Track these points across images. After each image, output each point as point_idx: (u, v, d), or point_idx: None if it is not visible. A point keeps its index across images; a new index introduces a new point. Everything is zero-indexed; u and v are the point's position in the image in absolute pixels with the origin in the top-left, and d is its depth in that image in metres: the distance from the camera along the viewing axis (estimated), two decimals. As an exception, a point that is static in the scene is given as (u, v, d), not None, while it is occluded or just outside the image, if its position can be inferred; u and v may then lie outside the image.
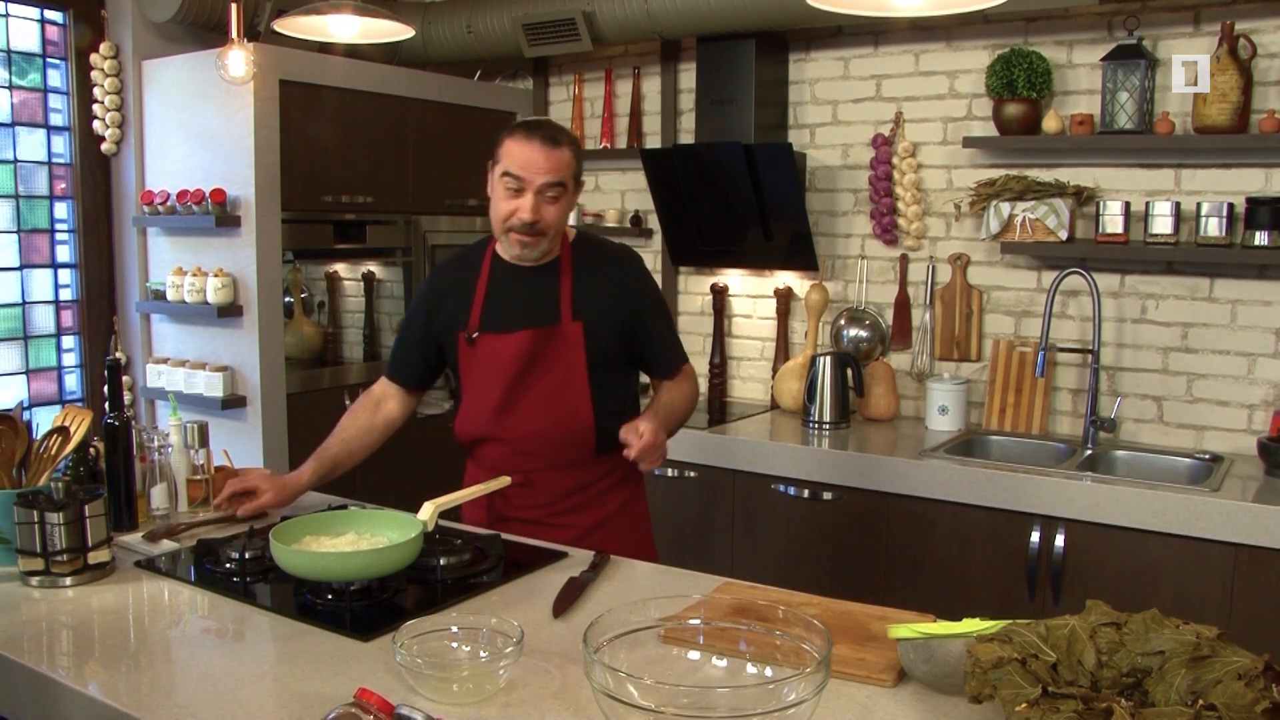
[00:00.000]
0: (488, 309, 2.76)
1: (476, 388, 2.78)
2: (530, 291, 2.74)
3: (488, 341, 2.73)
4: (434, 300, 2.86)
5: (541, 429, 2.72)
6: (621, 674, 1.47)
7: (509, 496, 2.76)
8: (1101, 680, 1.56)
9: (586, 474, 2.78)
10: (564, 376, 2.70)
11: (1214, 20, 3.72)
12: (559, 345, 2.70)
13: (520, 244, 2.66)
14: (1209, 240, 3.69)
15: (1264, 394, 3.81)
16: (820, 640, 1.56)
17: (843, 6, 2.43)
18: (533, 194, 2.58)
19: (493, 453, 2.79)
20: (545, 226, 2.63)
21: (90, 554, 2.23)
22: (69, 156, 4.49)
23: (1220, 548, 3.22)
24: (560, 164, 2.60)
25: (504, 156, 2.63)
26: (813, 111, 4.59)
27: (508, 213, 2.63)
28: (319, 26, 3.01)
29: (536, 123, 2.68)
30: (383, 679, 1.74)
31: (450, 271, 2.90)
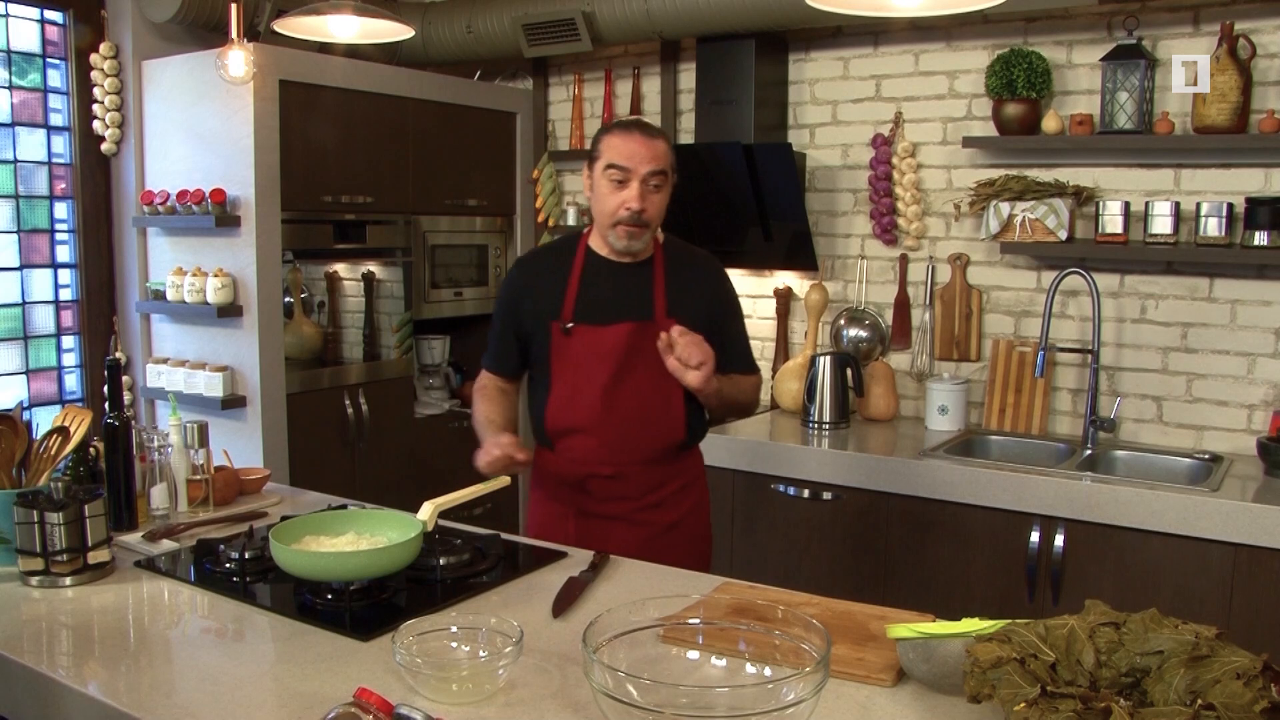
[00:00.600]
0: (582, 300, 2.79)
1: (570, 379, 2.79)
2: (625, 286, 2.80)
3: (584, 332, 2.76)
4: (518, 292, 2.88)
5: (637, 422, 2.77)
6: (621, 674, 1.47)
7: (594, 489, 2.81)
8: (1100, 680, 1.56)
9: (669, 470, 2.86)
10: (660, 371, 2.70)
11: (1214, 20, 3.72)
12: (655, 340, 2.69)
13: (628, 235, 2.71)
14: (1208, 240, 3.69)
15: (1263, 394, 3.81)
16: (819, 640, 1.56)
17: (841, 6, 2.43)
18: (638, 183, 2.65)
19: (582, 444, 2.80)
20: (650, 217, 2.71)
21: (90, 554, 2.23)
22: (69, 157, 4.49)
23: (1220, 548, 3.22)
24: (660, 153, 2.68)
25: (605, 152, 2.70)
26: (812, 112, 4.59)
27: (615, 205, 2.68)
28: (318, 27, 3.01)
29: (632, 120, 2.88)
30: (382, 679, 1.74)
31: (537, 264, 2.93)
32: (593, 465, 2.79)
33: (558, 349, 2.79)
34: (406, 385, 4.91)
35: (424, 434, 4.94)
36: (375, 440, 4.64)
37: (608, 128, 2.75)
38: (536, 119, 5.35)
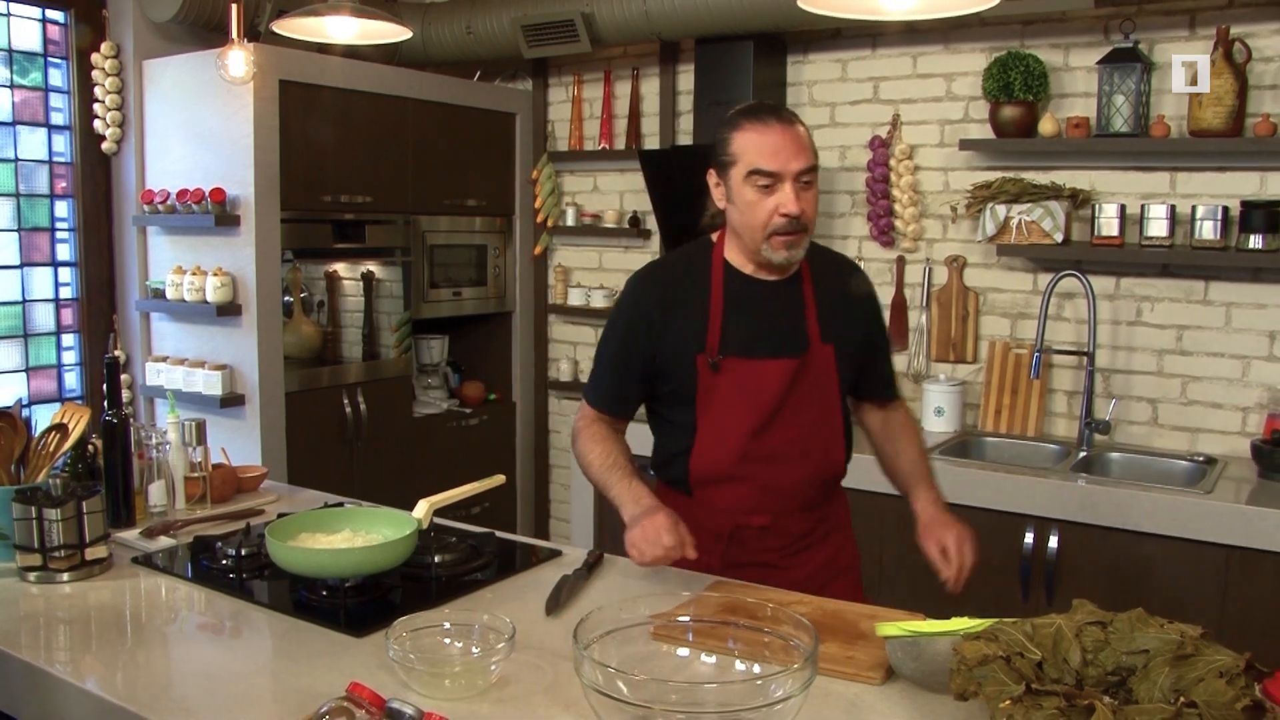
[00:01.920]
0: (729, 329, 2.37)
1: (718, 420, 2.39)
2: (774, 309, 2.40)
3: (734, 368, 2.35)
4: (644, 316, 2.41)
5: (796, 467, 2.40)
6: (611, 670, 1.48)
7: (745, 540, 2.42)
8: (1087, 678, 1.58)
9: (822, 512, 2.50)
10: (820, 409, 2.41)
11: (1209, 24, 3.73)
12: (813, 373, 2.38)
13: (787, 245, 2.30)
14: (1204, 243, 3.70)
15: (1258, 396, 3.82)
16: (807, 638, 1.58)
17: (832, 9, 2.44)
18: (790, 184, 2.25)
19: (733, 494, 2.41)
20: (809, 219, 2.31)
21: (87, 550, 2.25)
22: (70, 155, 4.51)
23: (1213, 549, 3.24)
24: (806, 142, 2.30)
25: (743, 154, 2.28)
26: (810, 113, 4.61)
27: (767, 214, 2.26)
28: (317, 28, 3.02)
29: (760, 106, 2.34)
30: (376, 675, 1.76)
31: (665, 284, 2.44)
32: (742, 515, 2.41)
33: (703, 387, 2.37)
34: (405, 385, 4.93)
35: (422, 433, 4.96)
36: (373, 439, 4.65)
37: (735, 121, 2.32)
38: (536, 119, 5.36)
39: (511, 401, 5.45)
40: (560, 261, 5.45)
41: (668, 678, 1.63)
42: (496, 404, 5.41)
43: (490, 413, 5.33)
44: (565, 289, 5.34)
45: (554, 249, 5.48)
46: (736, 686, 1.56)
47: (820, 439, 2.43)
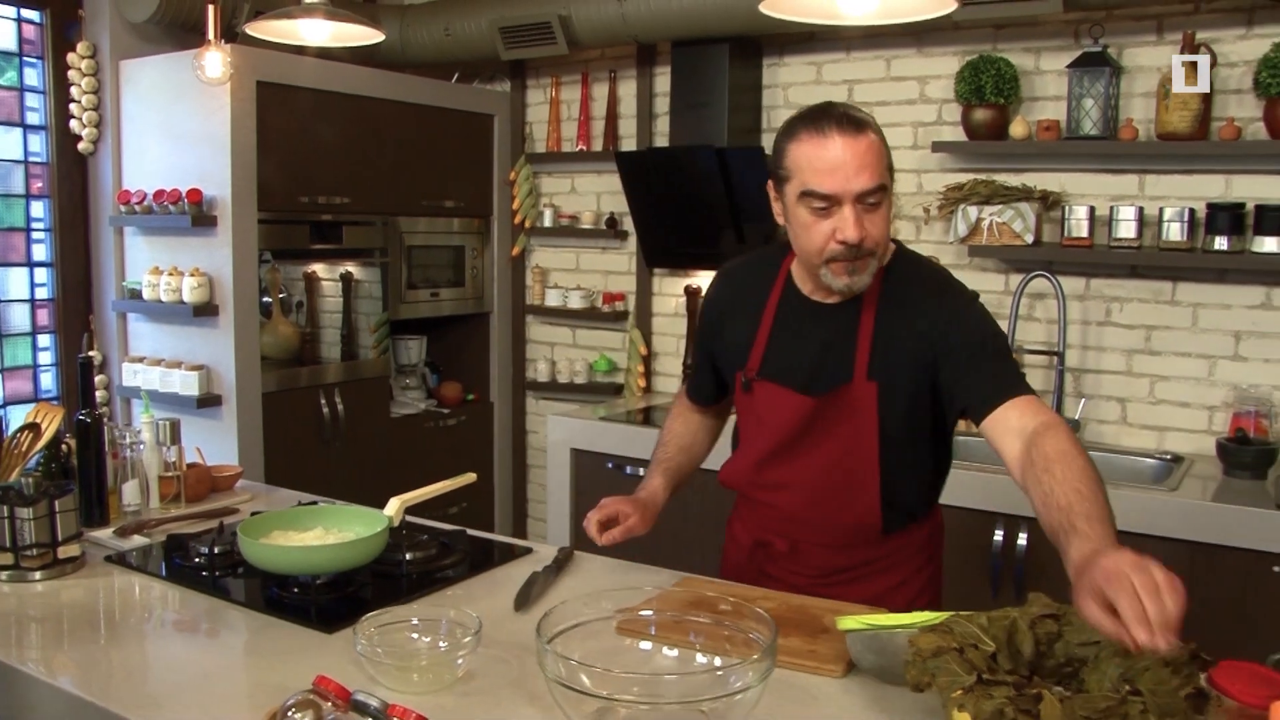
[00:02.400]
0: (772, 348, 2.26)
1: (747, 438, 2.35)
2: (823, 336, 2.20)
3: (766, 391, 2.25)
4: (716, 313, 2.40)
5: (815, 503, 2.25)
6: (573, 663, 1.51)
7: (775, 557, 2.35)
8: (1040, 669, 1.62)
9: (866, 553, 2.28)
10: (850, 448, 2.19)
11: (1176, 30, 3.78)
12: (847, 410, 2.17)
13: (848, 272, 2.07)
14: (1171, 245, 3.75)
15: (1224, 396, 3.87)
16: (766, 630, 1.61)
17: (792, 14, 2.48)
18: (850, 206, 2.01)
19: (755, 510, 2.38)
20: (874, 243, 2.05)
21: (60, 549, 2.26)
22: (46, 155, 4.52)
23: (1177, 545, 3.28)
24: (872, 157, 2.00)
25: (795, 170, 2.05)
26: (786, 115, 4.58)
27: (824, 239, 2.04)
28: (291, 30, 3.04)
29: (823, 111, 2.05)
30: (346, 669, 1.78)
31: (740, 283, 2.37)
32: (764, 533, 2.36)
33: (741, 401, 2.33)
34: (383, 385, 4.95)
35: (400, 433, 4.98)
36: (351, 439, 4.67)
37: (792, 128, 2.08)
38: (514, 121, 5.39)
39: (489, 402, 5.47)
40: (538, 262, 5.48)
41: (630, 671, 1.66)
42: (474, 404, 5.43)
43: (468, 413, 5.35)
44: (543, 290, 5.37)
45: (531, 250, 5.51)
46: (697, 678, 1.60)
47: (847, 479, 2.21)
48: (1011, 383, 2.07)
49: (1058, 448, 1.88)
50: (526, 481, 5.66)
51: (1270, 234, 3.59)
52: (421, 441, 5.06)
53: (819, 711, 1.70)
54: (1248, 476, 3.53)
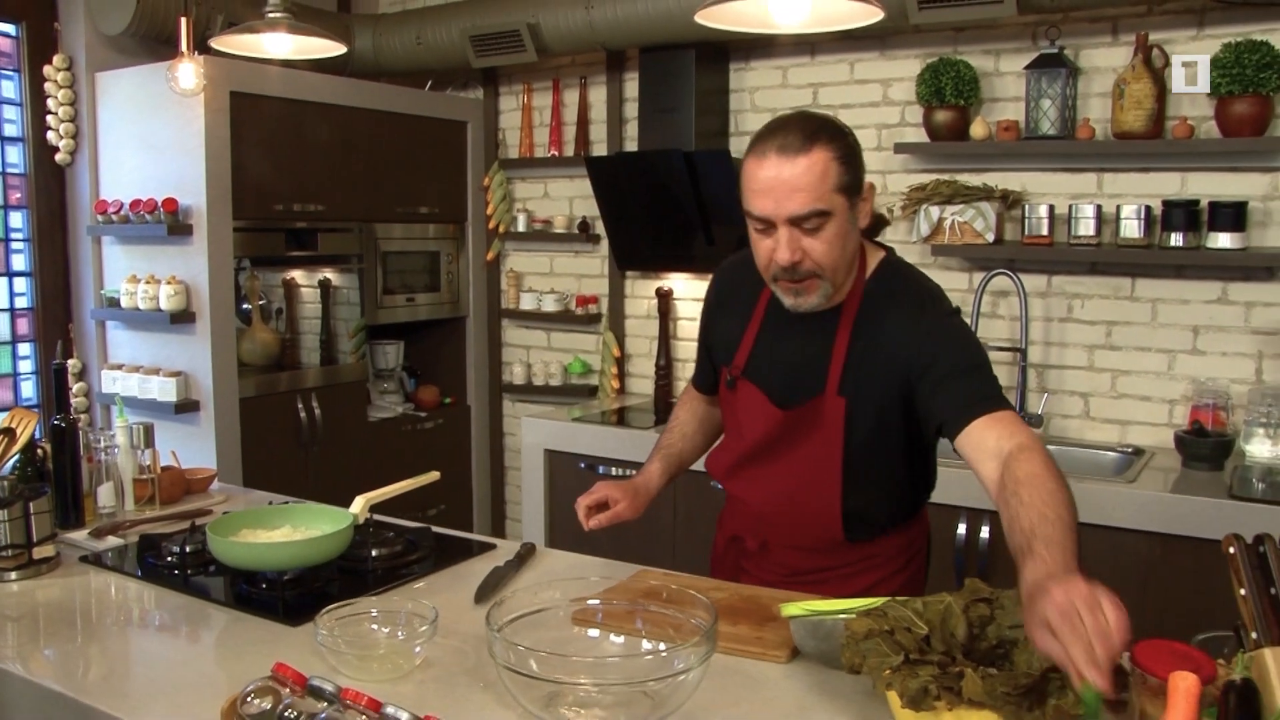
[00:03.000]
0: (758, 348, 2.28)
1: (731, 431, 2.39)
2: (802, 344, 2.21)
3: (747, 391, 2.28)
4: (712, 307, 2.45)
5: (780, 506, 2.28)
6: (522, 649, 1.58)
7: (747, 554, 2.41)
8: (974, 651, 1.69)
9: (832, 559, 2.29)
10: (815, 457, 2.20)
11: (1130, 31, 3.87)
12: (815, 423, 2.19)
13: (792, 293, 2.09)
14: (1128, 241, 3.83)
15: (1183, 389, 3.95)
16: (707, 615, 1.68)
17: (726, 23, 2.56)
18: (784, 229, 2.00)
19: (732, 506, 2.47)
20: (815, 265, 2.03)
21: (35, 549, 2.33)
22: (23, 167, 4.57)
23: (1136, 537, 3.36)
24: (809, 180, 1.96)
25: (743, 187, 2.06)
26: (753, 119, 4.72)
27: (765, 258, 2.06)
28: (255, 44, 3.11)
29: (776, 126, 2.04)
30: (308, 660, 1.84)
31: (735, 279, 2.38)
32: (739, 530, 2.42)
33: (724, 395, 2.37)
34: (360, 390, 5.02)
35: (377, 437, 5.04)
36: (328, 443, 4.73)
37: (751, 143, 2.07)
38: (487, 128, 5.46)
39: (466, 405, 5.54)
40: (512, 267, 5.54)
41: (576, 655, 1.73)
42: (451, 407, 5.49)
43: (445, 416, 5.42)
44: (518, 294, 5.44)
45: (506, 254, 5.58)
46: (641, 661, 1.66)
47: (810, 486, 2.22)
48: (986, 397, 2.05)
49: (1029, 471, 1.87)
50: (504, 483, 5.72)
51: (1224, 230, 3.67)
52: (399, 445, 5.12)
53: (762, 695, 1.77)
54: (1205, 468, 3.62)
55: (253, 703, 1.52)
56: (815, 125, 2.03)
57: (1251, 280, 3.81)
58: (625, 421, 4.61)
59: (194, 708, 1.69)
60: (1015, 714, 1.47)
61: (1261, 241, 3.75)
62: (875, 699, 1.66)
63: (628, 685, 1.57)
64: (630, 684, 1.57)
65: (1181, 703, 1.28)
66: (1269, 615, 1.52)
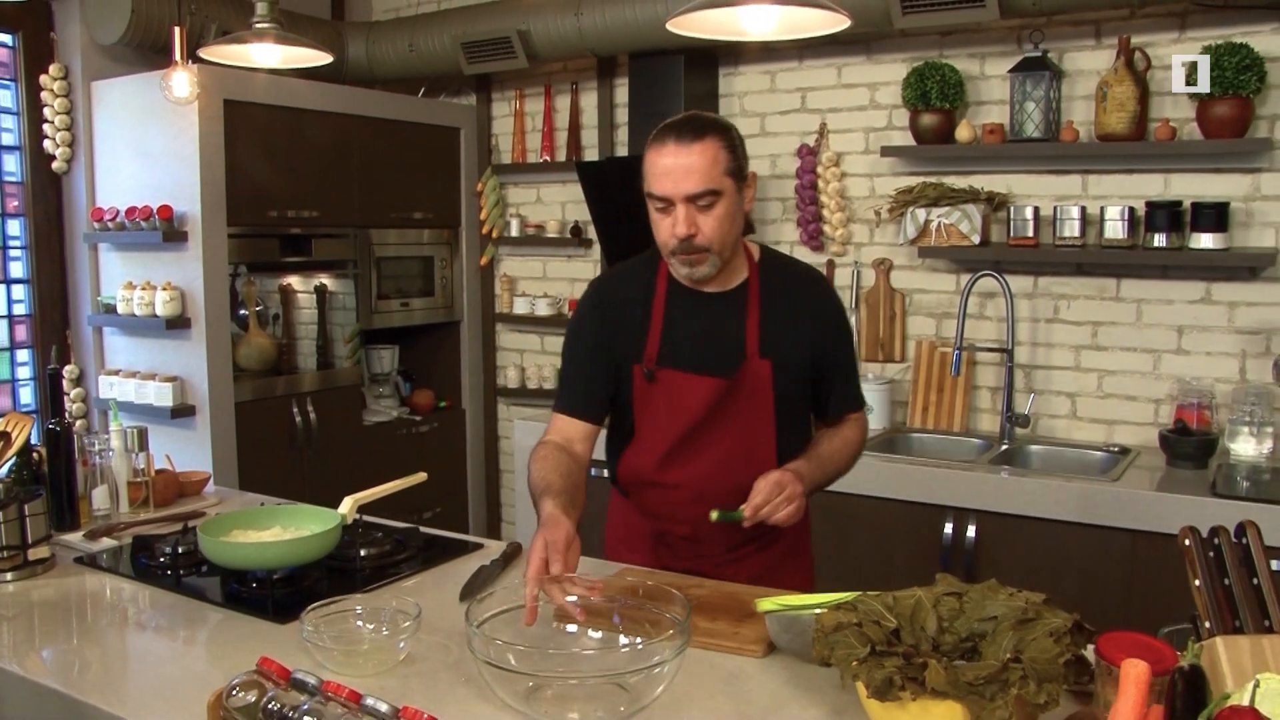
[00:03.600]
0: (667, 340, 2.40)
1: (650, 428, 2.45)
2: (714, 322, 2.40)
3: (670, 379, 2.39)
4: (598, 321, 2.48)
5: (717, 480, 2.39)
6: (500, 643, 1.63)
7: (673, 546, 2.50)
8: (943, 644, 1.73)
9: (758, 526, 2.34)
10: (749, 423, 2.39)
11: (1113, 34, 3.91)
12: (745, 388, 2.37)
13: (687, 264, 2.31)
14: (1113, 242, 3.87)
15: (1168, 389, 3.99)
16: (681, 610, 1.72)
17: (696, 30, 2.61)
18: (682, 206, 2.23)
19: (657, 500, 2.48)
20: (707, 240, 2.26)
21: (30, 550, 2.38)
22: (20, 175, 4.62)
23: (1120, 534, 3.40)
24: (703, 164, 2.21)
25: (645, 174, 2.30)
26: (742, 123, 4.76)
27: (665, 234, 2.29)
28: (243, 54, 3.15)
29: (672, 122, 2.29)
30: (295, 656, 1.88)
31: (619, 289, 2.51)
32: (667, 522, 2.48)
33: (639, 395, 2.43)
34: (355, 394, 5.06)
35: (372, 440, 5.08)
36: (324, 447, 4.78)
37: (650, 137, 2.31)
38: (480, 133, 5.50)
39: (461, 408, 5.58)
40: (506, 271, 5.59)
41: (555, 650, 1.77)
42: (446, 411, 5.54)
43: (440, 419, 5.46)
44: (511, 298, 5.48)
45: (499, 259, 5.62)
46: (617, 654, 1.70)
47: (747, 455, 2.39)
48: (857, 397, 2.58)
49: (843, 435, 2.52)
50: (499, 485, 5.77)
51: (1206, 230, 3.72)
52: (394, 448, 5.16)
53: (739, 688, 1.81)
54: (1189, 466, 3.66)
55: (238, 695, 1.56)
56: (705, 119, 2.31)
57: (1234, 280, 3.86)
58: (617, 424, 4.64)
59: (184, 702, 1.73)
60: (978, 703, 1.51)
61: (1244, 242, 3.80)
62: (848, 692, 1.69)
63: (604, 678, 1.61)
64: (607, 676, 1.61)
65: (1131, 688, 1.33)
66: (1222, 605, 1.57)
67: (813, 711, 1.73)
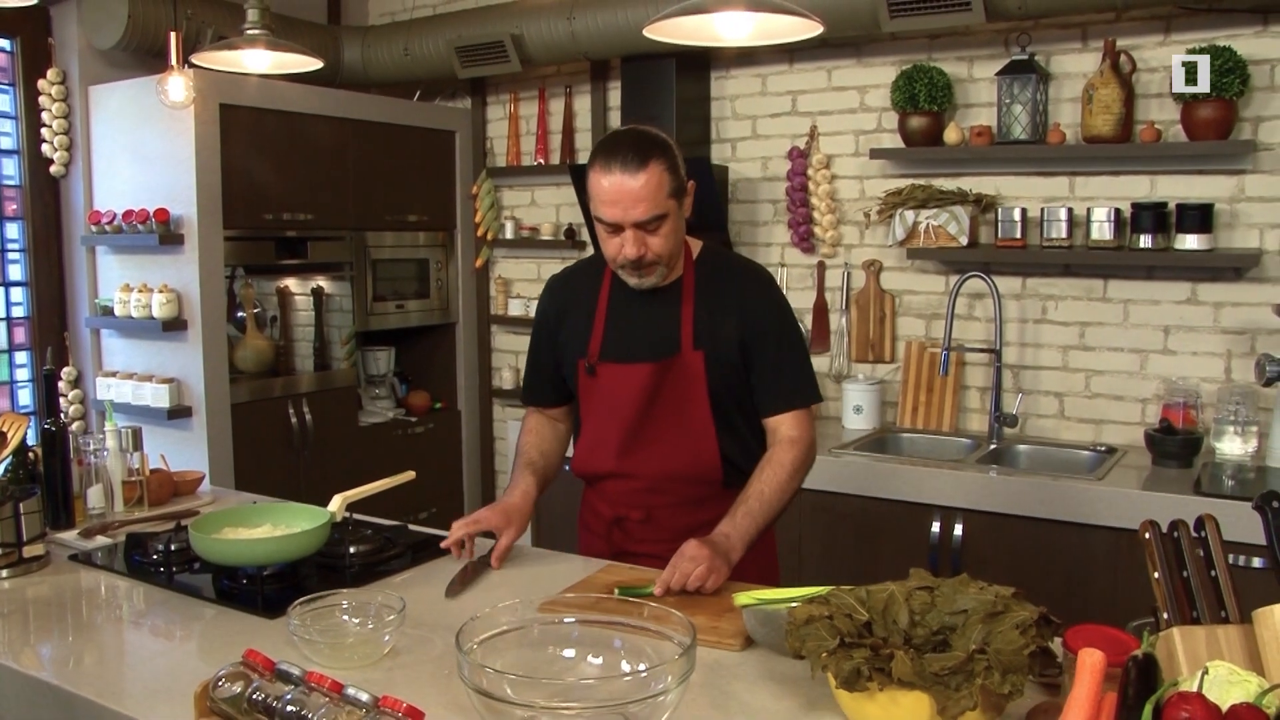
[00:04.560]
0: (608, 335, 2.56)
1: (596, 421, 2.60)
2: (651, 317, 2.53)
3: (608, 371, 2.54)
4: (554, 319, 2.67)
5: (666, 467, 2.53)
6: (492, 671, 1.57)
7: (630, 530, 2.61)
8: (915, 636, 1.77)
9: (712, 510, 2.49)
10: (687, 410, 2.51)
11: (1099, 37, 3.95)
12: (680, 377, 2.49)
13: (635, 276, 2.45)
14: (1099, 244, 3.91)
15: (1155, 388, 4.04)
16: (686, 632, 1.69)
17: (673, 37, 2.66)
18: (630, 230, 2.35)
19: (615, 488, 2.61)
20: (655, 257, 2.41)
21: (25, 548, 2.42)
22: (19, 179, 4.67)
23: (1104, 532, 3.44)
24: (649, 191, 2.32)
25: (590, 195, 2.40)
26: (733, 126, 4.81)
27: (613, 252, 2.41)
28: (234, 59, 3.19)
29: (613, 145, 2.36)
30: (284, 650, 1.93)
31: (568, 290, 2.69)
32: (622, 508, 2.60)
33: (584, 388, 2.60)
34: (351, 395, 5.10)
35: (367, 441, 5.13)
36: (320, 448, 4.82)
37: (593, 154, 2.39)
38: (475, 137, 5.55)
39: (456, 409, 5.62)
40: (500, 273, 5.64)
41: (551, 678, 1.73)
42: (442, 412, 5.58)
43: (436, 420, 5.51)
44: (506, 300, 5.53)
45: (494, 261, 5.67)
46: (619, 682, 1.66)
47: (689, 438, 2.51)
48: (795, 392, 2.55)
49: (788, 460, 2.49)
50: (495, 486, 5.81)
51: (1191, 231, 3.76)
52: (390, 449, 5.20)
53: (716, 680, 1.85)
54: (1175, 465, 3.69)
55: (224, 686, 1.61)
56: (648, 142, 2.38)
57: (1219, 281, 3.90)
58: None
59: (173, 694, 1.77)
60: (943, 694, 1.55)
61: (1229, 243, 3.84)
62: (821, 684, 1.73)
63: (606, 708, 1.55)
64: (609, 705, 1.56)
65: (1087, 676, 1.37)
66: (1180, 597, 1.61)
67: (787, 703, 1.77)
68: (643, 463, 2.54)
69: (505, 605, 1.80)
